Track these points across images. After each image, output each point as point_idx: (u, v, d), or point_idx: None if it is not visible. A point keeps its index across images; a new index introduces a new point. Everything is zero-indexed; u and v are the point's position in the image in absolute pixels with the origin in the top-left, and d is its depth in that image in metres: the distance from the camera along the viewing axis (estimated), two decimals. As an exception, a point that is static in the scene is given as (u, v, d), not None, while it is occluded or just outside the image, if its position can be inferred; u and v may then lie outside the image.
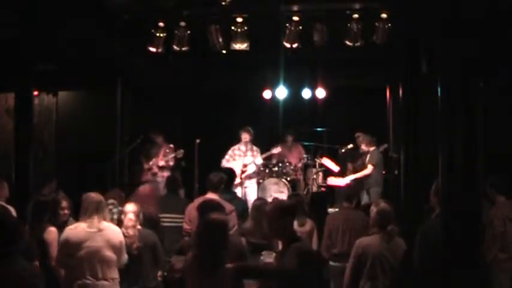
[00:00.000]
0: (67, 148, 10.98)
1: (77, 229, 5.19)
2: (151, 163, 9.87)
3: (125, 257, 5.26)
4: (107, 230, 5.20)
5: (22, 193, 7.17)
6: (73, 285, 5.08)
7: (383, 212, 5.21)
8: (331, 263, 6.41)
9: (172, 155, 9.80)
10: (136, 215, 5.56)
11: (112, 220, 5.84)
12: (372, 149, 9.66)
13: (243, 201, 9.48)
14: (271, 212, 4.23)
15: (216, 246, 4.18)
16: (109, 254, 5.13)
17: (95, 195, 5.28)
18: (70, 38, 8.08)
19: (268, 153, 10.07)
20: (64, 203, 6.20)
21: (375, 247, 5.09)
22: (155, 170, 9.81)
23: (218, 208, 5.47)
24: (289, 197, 7.95)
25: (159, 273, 5.75)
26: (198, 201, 6.81)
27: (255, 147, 10.07)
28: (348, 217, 6.45)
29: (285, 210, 4.21)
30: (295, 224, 6.46)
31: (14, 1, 7.23)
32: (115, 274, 5.18)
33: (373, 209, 5.30)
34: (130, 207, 5.61)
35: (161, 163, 9.80)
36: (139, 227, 5.57)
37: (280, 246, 4.44)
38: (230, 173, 7.81)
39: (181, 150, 9.85)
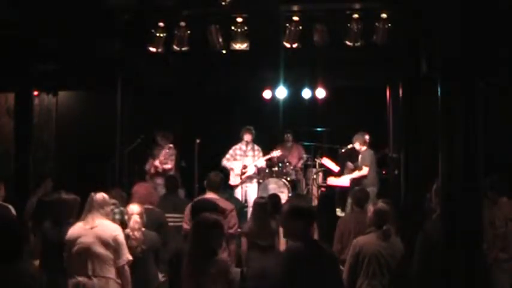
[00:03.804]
0: (67, 148, 10.98)
1: (74, 227, 5.20)
2: (149, 165, 9.81)
3: (126, 257, 5.12)
4: (99, 226, 5.11)
5: (22, 193, 7.18)
6: (69, 282, 5.06)
7: (380, 211, 5.24)
8: (341, 267, 6.35)
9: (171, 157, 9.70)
10: (141, 216, 5.50)
11: (114, 221, 5.80)
12: (363, 149, 9.63)
13: (239, 201, 9.53)
14: (283, 213, 4.28)
15: (207, 245, 4.24)
16: (100, 250, 5.03)
17: (98, 195, 5.24)
18: (70, 38, 8.08)
19: (267, 157, 10.04)
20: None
21: (372, 246, 5.11)
22: (153, 171, 9.73)
23: (214, 207, 5.46)
24: (291, 197, 7.94)
25: (161, 275, 5.74)
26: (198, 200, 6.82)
27: (256, 147, 10.04)
28: (359, 221, 6.35)
29: (296, 213, 4.21)
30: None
31: (14, 1, 7.23)
32: (109, 273, 5.05)
33: (370, 209, 5.33)
34: (135, 209, 5.51)
35: (157, 163, 9.67)
36: (143, 228, 5.51)
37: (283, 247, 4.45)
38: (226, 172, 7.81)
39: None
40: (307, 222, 4.22)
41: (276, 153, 10.03)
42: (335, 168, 10.45)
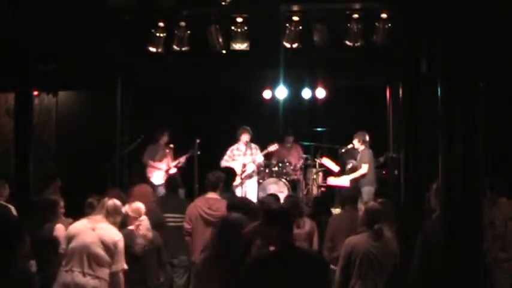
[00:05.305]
0: (67, 148, 10.98)
1: (77, 223, 5.27)
2: (168, 164, 9.91)
3: (121, 264, 5.16)
4: (103, 228, 5.16)
5: (22, 193, 7.18)
6: (62, 277, 5.09)
7: (371, 210, 5.22)
8: (332, 266, 6.34)
9: (187, 155, 9.88)
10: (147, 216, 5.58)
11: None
12: (362, 148, 9.64)
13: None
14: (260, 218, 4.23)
15: (233, 244, 4.19)
16: (99, 250, 5.08)
17: (112, 201, 5.33)
18: (70, 38, 8.08)
19: (265, 152, 10.06)
20: (61, 203, 6.22)
21: (363, 246, 5.08)
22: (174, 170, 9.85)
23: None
24: (285, 198, 7.89)
25: (161, 276, 5.75)
26: (198, 200, 6.81)
27: (253, 145, 10.04)
28: (351, 219, 6.34)
29: (269, 217, 4.15)
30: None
31: (14, 0, 7.24)
32: (103, 273, 5.08)
33: (361, 208, 5.31)
34: (142, 209, 5.59)
35: (183, 159, 9.90)
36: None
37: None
38: (230, 172, 7.79)
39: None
40: (282, 226, 4.09)
41: (272, 148, 10.05)
42: (335, 168, 10.44)
